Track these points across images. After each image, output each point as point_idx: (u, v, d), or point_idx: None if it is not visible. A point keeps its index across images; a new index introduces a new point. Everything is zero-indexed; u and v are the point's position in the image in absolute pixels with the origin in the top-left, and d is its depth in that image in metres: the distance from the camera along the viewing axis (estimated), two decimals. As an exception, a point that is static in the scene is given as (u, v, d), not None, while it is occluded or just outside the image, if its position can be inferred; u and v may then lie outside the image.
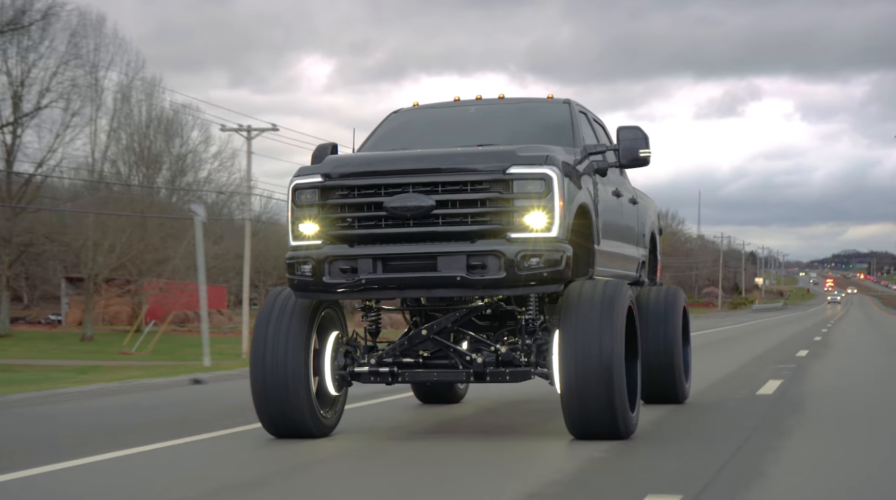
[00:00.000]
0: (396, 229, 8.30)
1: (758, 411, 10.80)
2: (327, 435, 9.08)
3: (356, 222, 8.39)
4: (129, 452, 8.43)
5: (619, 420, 8.32)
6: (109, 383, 16.80)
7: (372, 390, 13.11)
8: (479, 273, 8.13)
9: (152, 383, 17.07)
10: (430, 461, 7.83)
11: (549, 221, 8.17)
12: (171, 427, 9.97)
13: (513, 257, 8.09)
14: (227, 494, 6.62)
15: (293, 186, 8.59)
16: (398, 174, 8.32)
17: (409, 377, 9.10)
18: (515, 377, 8.83)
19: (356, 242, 8.39)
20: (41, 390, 15.60)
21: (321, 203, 8.45)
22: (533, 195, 8.17)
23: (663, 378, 11.23)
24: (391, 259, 8.29)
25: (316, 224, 8.46)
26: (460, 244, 8.18)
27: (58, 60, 42.60)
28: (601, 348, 8.19)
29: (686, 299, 12.03)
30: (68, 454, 8.28)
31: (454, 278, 8.16)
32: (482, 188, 8.21)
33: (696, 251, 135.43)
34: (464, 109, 10.41)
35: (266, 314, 8.90)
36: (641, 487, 6.57)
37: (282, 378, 8.71)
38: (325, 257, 8.37)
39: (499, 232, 8.18)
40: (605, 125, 11.23)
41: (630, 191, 11.20)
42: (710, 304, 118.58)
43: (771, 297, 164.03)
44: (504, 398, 12.60)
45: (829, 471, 7.27)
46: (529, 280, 8.15)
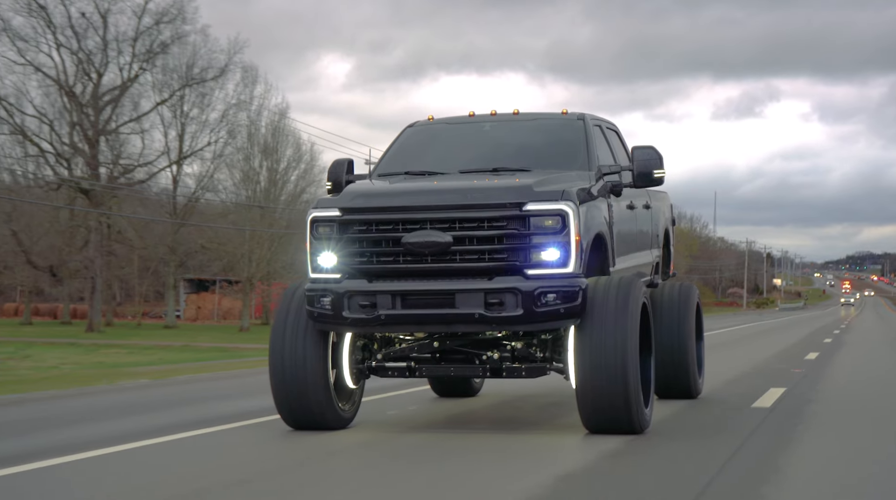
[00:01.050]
0: (415, 265, 8.41)
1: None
2: (345, 427, 9.21)
3: (375, 258, 8.50)
4: (152, 441, 8.60)
5: (634, 415, 8.42)
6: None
7: (388, 384, 13.24)
8: (497, 310, 8.24)
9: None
10: (447, 453, 7.94)
11: (566, 256, 8.27)
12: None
13: (530, 293, 8.19)
14: (244, 485, 6.73)
15: (311, 218, 8.70)
16: (416, 210, 8.42)
17: (426, 372, 9.21)
18: (531, 373, 8.94)
19: (375, 277, 8.51)
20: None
21: (339, 237, 8.57)
22: (549, 231, 8.26)
23: (677, 373, 11.33)
24: (410, 295, 8.40)
25: (334, 257, 8.58)
26: (478, 281, 8.29)
27: (226, 104, 51.68)
28: (616, 343, 8.28)
29: (699, 295, 12.12)
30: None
31: (472, 315, 8.27)
32: (499, 225, 8.30)
33: (720, 253, 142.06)
34: (478, 126, 10.39)
35: (285, 308, 9.03)
36: (655, 478, 6.68)
37: (301, 371, 8.84)
38: (345, 292, 8.50)
39: (515, 268, 8.28)
40: (619, 130, 11.28)
41: (643, 196, 11.23)
42: (734, 303, 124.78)
43: (790, 297, 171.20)
44: (519, 393, 12.71)
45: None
46: (546, 317, 8.25)
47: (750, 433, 8.86)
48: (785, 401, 11.64)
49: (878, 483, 6.78)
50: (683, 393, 11.54)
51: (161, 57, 49.03)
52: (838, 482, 6.75)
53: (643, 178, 9.55)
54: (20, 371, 19.81)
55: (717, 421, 9.91)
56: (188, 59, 49.78)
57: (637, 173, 9.54)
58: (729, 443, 8.24)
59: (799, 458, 7.70)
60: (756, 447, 8.13)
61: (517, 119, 10.43)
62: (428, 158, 9.99)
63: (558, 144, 9.90)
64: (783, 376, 15.45)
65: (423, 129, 10.58)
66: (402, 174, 9.61)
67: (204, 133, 51.35)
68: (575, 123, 10.09)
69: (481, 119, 10.50)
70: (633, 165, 9.56)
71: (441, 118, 10.78)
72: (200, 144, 51.34)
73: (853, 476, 6.99)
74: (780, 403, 11.44)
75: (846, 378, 15.57)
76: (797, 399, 11.86)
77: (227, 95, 51.62)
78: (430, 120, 10.72)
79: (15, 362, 23.16)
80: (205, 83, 50.33)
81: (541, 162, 9.49)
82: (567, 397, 11.97)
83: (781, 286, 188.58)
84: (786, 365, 18.36)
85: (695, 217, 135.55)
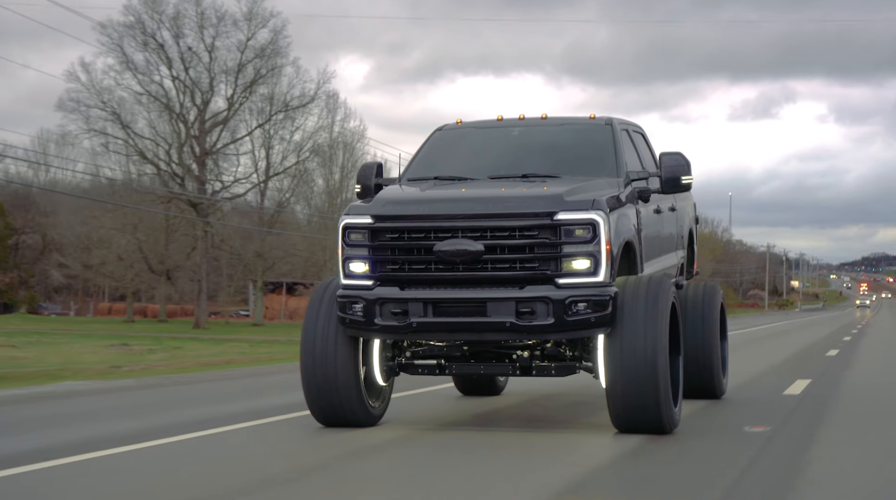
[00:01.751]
0: (446, 274, 8.47)
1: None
2: (374, 425, 9.30)
3: (406, 265, 8.57)
4: (176, 439, 8.70)
5: (664, 415, 8.47)
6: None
7: (411, 382, 13.31)
8: (528, 319, 8.29)
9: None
10: (476, 450, 8.00)
11: (596, 265, 8.33)
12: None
13: (561, 302, 8.26)
14: (275, 482, 6.81)
15: (343, 225, 8.76)
16: (448, 219, 8.48)
17: (456, 370, 9.28)
18: (561, 371, 9.01)
19: (407, 284, 8.56)
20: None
21: (371, 244, 8.63)
22: (580, 240, 8.32)
23: (702, 373, 11.37)
24: (442, 303, 8.46)
25: (366, 264, 8.64)
26: (509, 290, 8.34)
27: (311, 127, 58.53)
28: (646, 343, 8.33)
29: (723, 296, 12.16)
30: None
31: (504, 324, 8.33)
32: (530, 234, 8.36)
33: (740, 256, 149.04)
34: (507, 131, 10.45)
35: (316, 305, 9.12)
36: (684, 474, 6.75)
37: (331, 368, 8.93)
38: (377, 299, 8.56)
39: (546, 277, 8.34)
40: (644, 132, 11.33)
41: (669, 198, 11.27)
42: (755, 305, 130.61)
43: (807, 299, 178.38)
44: (543, 392, 12.78)
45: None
46: (577, 325, 8.31)
47: (783, 421, 8.89)
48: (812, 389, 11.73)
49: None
50: (708, 393, 11.59)
51: (258, 86, 55.73)
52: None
53: (671, 184, 9.63)
54: (204, 357, 22.81)
55: (742, 419, 9.95)
56: (282, 88, 56.65)
57: (665, 179, 9.63)
58: (754, 441, 8.30)
59: (826, 447, 7.77)
60: (785, 438, 8.19)
61: (545, 124, 10.48)
62: (457, 162, 10.05)
63: (587, 149, 9.96)
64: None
65: (451, 132, 10.63)
66: (432, 179, 9.67)
67: (291, 153, 57.96)
68: (603, 129, 10.14)
69: (510, 123, 10.56)
70: (660, 172, 9.64)
71: (469, 122, 10.81)
72: (288, 162, 57.93)
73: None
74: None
75: (867, 369, 16.83)
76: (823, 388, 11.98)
77: (312, 119, 58.76)
78: (458, 124, 10.76)
79: (180, 351, 25.57)
80: (294, 109, 57.05)
81: (569, 168, 9.55)
82: (591, 397, 12.05)
83: (799, 288, 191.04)
84: (818, 351, 23.45)
85: (715, 221, 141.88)
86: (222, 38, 54.81)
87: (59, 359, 21.09)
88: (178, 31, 53.93)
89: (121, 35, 52.86)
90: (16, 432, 9.35)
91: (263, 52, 55.16)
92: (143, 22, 53.25)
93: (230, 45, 55.24)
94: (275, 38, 55.28)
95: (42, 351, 24.26)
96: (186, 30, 54.13)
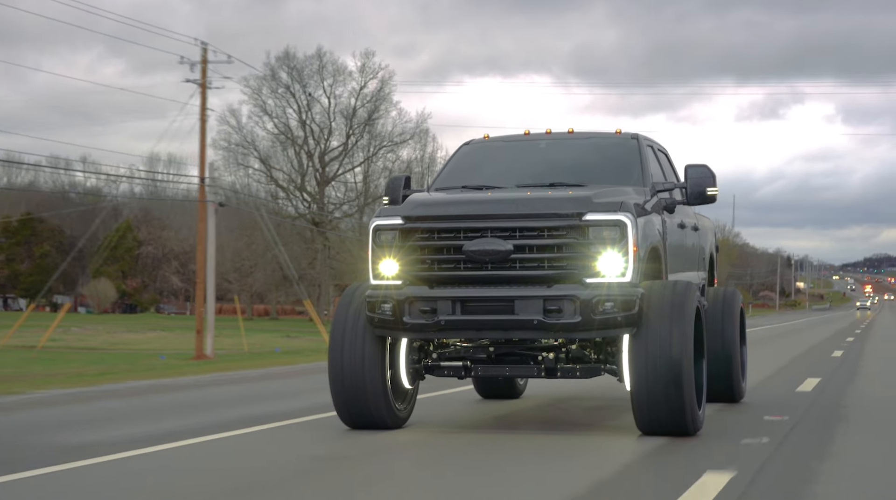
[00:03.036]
0: (475, 272, 8.57)
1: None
2: (400, 427, 9.39)
3: (436, 265, 8.67)
4: (208, 438, 8.82)
5: (688, 418, 8.56)
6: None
7: (432, 384, 13.38)
8: (556, 317, 8.40)
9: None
10: (499, 453, 8.10)
11: (624, 266, 8.43)
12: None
13: (588, 301, 8.35)
14: (299, 480, 6.94)
15: (374, 226, 8.89)
16: (477, 219, 8.60)
17: (482, 371, 9.36)
18: (585, 373, 9.11)
19: (436, 283, 8.67)
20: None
21: (401, 244, 8.74)
22: (608, 241, 8.42)
23: (721, 377, 11.44)
24: (470, 301, 8.56)
25: (396, 264, 8.75)
26: (537, 288, 8.45)
27: (409, 157, 71.01)
28: (672, 346, 8.42)
29: (742, 300, 12.25)
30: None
31: (531, 322, 8.44)
32: (559, 234, 8.46)
33: (750, 258, 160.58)
34: (534, 144, 10.62)
35: (345, 308, 9.22)
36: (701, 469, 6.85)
37: (359, 371, 9.02)
38: (406, 298, 8.67)
39: (574, 276, 8.44)
40: (668, 152, 11.50)
41: (692, 217, 11.42)
42: (765, 305, 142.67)
43: (813, 300, 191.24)
44: (563, 395, 12.87)
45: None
46: (604, 324, 8.41)
47: (804, 413, 9.01)
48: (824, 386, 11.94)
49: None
50: (727, 397, 11.65)
51: (368, 126, 69.89)
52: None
53: (696, 195, 9.74)
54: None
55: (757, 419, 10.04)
56: (386, 127, 70.64)
57: (691, 191, 9.74)
58: (776, 431, 8.41)
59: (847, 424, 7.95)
60: (806, 426, 8.33)
61: (572, 137, 10.67)
62: (484, 173, 10.17)
63: (613, 161, 10.09)
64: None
65: (478, 146, 10.81)
66: (460, 188, 9.80)
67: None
68: (629, 142, 10.31)
69: (536, 137, 10.75)
70: (686, 183, 9.75)
71: (497, 136, 11.00)
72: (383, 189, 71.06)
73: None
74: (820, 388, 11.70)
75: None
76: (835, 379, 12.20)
77: (408, 150, 71.61)
78: (485, 138, 10.93)
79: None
80: (396, 145, 70.69)
81: (596, 178, 9.66)
82: (611, 400, 12.15)
83: (805, 289, 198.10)
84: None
85: (727, 228, 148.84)
86: (339, 86, 70.49)
87: (282, 345, 30.13)
88: (304, 81, 69.68)
89: (259, 86, 67.99)
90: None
91: (373, 98, 70.16)
92: (277, 75, 69.08)
93: (346, 92, 70.26)
94: (382, 86, 70.15)
95: (257, 340, 32.79)
96: (311, 80, 69.84)
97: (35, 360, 25.94)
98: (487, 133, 10.99)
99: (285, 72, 69.46)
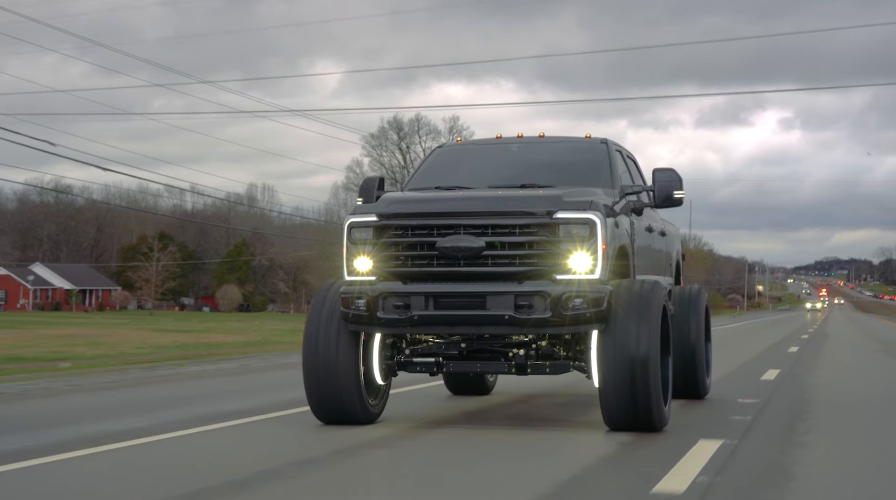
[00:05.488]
0: (448, 269, 8.75)
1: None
2: (373, 423, 9.53)
3: (409, 261, 8.85)
4: (192, 431, 8.92)
5: (654, 414, 8.76)
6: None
7: (402, 380, 13.52)
8: (526, 312, 8.58)
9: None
10: (470, 448, 8.25)
11: (593, 263, 8.64)
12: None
13: (558, 297, 8.55)
14: (274, 476, 6.98)
15: (349, 223, 9.05)
16: (451, 216, 8.79)
17: (453, 368, 9.52)
18: (555, 370, 9.29)
19: (409, 279, 8.85)
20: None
21: (375, 241, 8.91)
22: (578, 239, 8.63)
23: (686, 374, 11.68)
24: (443, 297, 8.74)
25: (370, 261, 8.93)
26: (508, 284, 8.64)
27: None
28: (639, 344, 8.63)
29: (708, 299, 12.49)
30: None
31: (502, 317, 8.61)
32: (530, 232, 8.66)
33: (720, 265, 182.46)
34: (506, 147, 10.91)
35: (319, 304, 9.36)
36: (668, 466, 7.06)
37: (333, 367, 9.16)
38: (380, 294, 8.84)
39: (545, 273, 8.64)
40: (636, 159, 11.78)
41: (659, 222, 11.68)
42: (732, 306, 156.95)
43: (772, 301, 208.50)
44: (532, 392, 13.04)
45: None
46: (574, 320, 8.60)
47: (769, 396, 9.29)
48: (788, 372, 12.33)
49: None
50: (691, 393, 11.89)
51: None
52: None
53: (664, 198, 9.96)
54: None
55: (723, 414, 10.28)
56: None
57: (658, 194, 9.95)
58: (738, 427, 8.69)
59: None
60: (773, 411, 8.65)
61: (543, 141, 10.96)
62: (457, 175, 10.39)
63: (583, 164, 10.36)
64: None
65: (451, 149, 11.11)
66: (433, 189, 10.01)
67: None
68: (598, 146, 10.62)
69: (508, 141, 11.04)
70: (654, 186, 9.97)
71: (469, 140, 11.26)
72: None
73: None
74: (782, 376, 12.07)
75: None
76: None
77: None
78: (458, 141, 11.17)
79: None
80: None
81: (566, 180, 9.88)
82: (579, 396, 12.35)
83: (765, 291, 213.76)
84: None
85: (697, 237, 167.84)
86: (431, 142, 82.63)
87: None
88: (408, 139, 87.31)
89: (378, 143, 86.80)
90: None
91: (451, 131, 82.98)
92: (388, 134, 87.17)
93: (435, 145, 77.87)
94: (457, 123, 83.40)
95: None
96: (413, 138, 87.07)
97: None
98: (460, 137, 11.21)
99: (394, 131, 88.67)
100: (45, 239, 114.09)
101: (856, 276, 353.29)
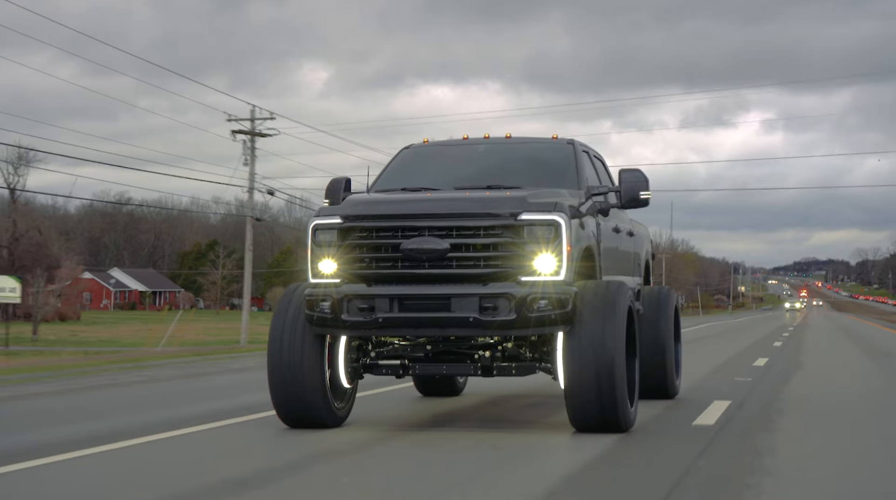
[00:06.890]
0: (412, 271, 8.72)
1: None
2: (339, 426, 9.49)
3: (374, 263, 8.81)
4: (156, 438, 8.88)
5: (620, 415, 8.75)
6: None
7: (372, 382, 13.50)
8: (491, 314, 8.55)
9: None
10: (440, 450, 8.21)
11: (558, 265, 8.62)
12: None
13: (523, 299, 8.52)
14: (245, 483, 6.92)
15: (313, 226, 9.00)
16: (415, 218, 8.75)
17: (419, 370, 9.48)
18: (521, 372, 9.26)
19: (374, 281, 8.81)
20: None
21: (340, 243, 8.87)
22: (542, 240, 8.61)
23: (655, 374, 11.67)
24: (407, 299, 8.71)
25: (335, 263, 8.88)
26: (473, 286, 8.61)
27: None
28: (604, 345, 8.61)
29: (677, 299, 12.48)
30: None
31: (467, 319, 8.58)
32: (494, 233, 8.63)
33: (708, 267, 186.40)
34: (473, 148, 10.87)
35: (284, 307, 9.31)
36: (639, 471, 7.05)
37: (298, 370, 9.11)
38: (344, 296, 8.80)
39: (510, 275, 8.61)
40: (604, 159, 11.77)
41: (627, 223, 11.67)
42: (721, 306, 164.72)
43: (755, 301, 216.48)
44: (502, 393, 13.02)
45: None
46: (539, 322, 8.57)
47: (748, 391, 9.39)
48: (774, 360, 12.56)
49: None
50: (661, 394, 11.88)
51: None
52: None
53: (630, 199, 9.96)
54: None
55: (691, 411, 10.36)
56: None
57: (624, 195, 9.94)
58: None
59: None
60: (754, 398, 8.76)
61: (509, 142, 10.92)
62: (423, 176, 10.34)
63: (549, 165, 10.33)
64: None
65: (418, 150, 11.03)
66: (399, 190, 9.95)
67: None
68: (565, 147, 10.60)
69: (475, 142, 11.01)
70: (620, 187, 9.96)
71: (436, 141, 11.24)
72: None
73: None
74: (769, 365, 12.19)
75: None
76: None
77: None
78: (425, 142, 11.15)
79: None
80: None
81: (532, 181, 9.87)
82: (548, 398, 12.33)
83: (748, 292, 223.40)
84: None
85: (680, 239, 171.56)
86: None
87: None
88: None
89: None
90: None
91: None
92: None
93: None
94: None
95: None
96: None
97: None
98: (427, 138, 11.19)
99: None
100: (112, 246, 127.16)
101: (833, 276, 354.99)
